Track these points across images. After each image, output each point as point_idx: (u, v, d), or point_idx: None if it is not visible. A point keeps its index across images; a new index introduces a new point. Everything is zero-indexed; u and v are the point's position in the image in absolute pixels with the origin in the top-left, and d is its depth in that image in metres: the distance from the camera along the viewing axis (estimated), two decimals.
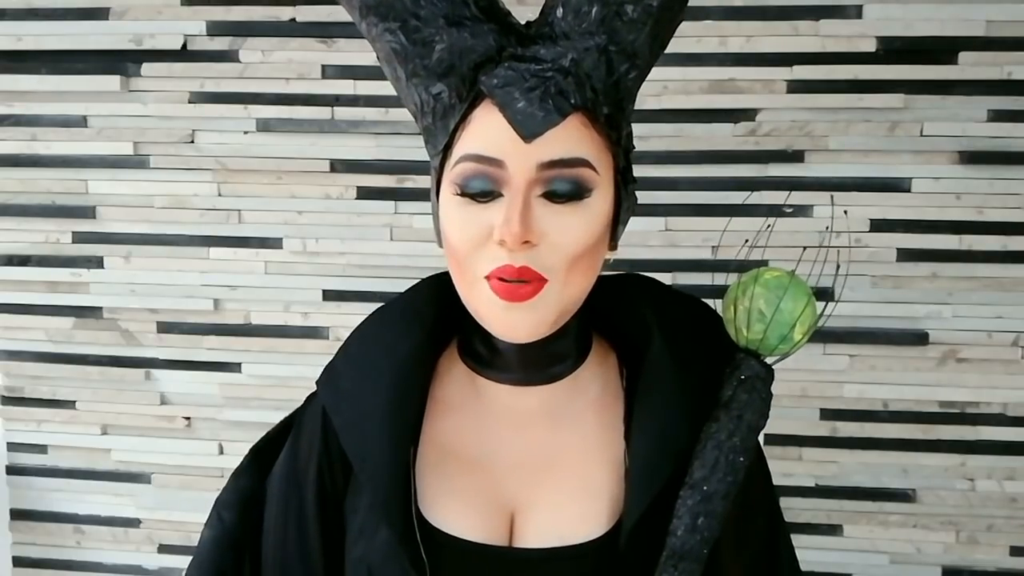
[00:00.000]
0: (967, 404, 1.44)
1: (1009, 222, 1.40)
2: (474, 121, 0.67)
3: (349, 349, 0.80)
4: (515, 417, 0.76)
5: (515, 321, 0.67)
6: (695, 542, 0.69)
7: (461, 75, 0.66)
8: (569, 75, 0.65)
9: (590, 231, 0.67)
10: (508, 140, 0.64)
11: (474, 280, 0.67)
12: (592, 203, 0.67)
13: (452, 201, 0.68)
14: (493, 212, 0.65)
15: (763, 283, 0.72)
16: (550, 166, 0.64)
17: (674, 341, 0.75)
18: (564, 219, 0.66)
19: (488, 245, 0.66)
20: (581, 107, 0.65)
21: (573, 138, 0.65)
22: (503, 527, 0.74)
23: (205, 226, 1.51)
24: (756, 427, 0.72)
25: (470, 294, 0.69)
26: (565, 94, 0.64)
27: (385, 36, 0.68)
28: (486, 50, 0.66)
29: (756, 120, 1.41)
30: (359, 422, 0.74)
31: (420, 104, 0.69)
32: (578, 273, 0.68)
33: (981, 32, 1.36)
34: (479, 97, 0.66)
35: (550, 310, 0.67)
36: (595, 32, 0.66)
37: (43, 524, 1.62)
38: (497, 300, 0.66)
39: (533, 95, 0.64)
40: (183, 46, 1.47)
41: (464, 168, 0.66)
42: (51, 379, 1.58)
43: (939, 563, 1.48)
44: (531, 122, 0.64)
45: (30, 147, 1.52)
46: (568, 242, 0.66)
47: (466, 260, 0.67)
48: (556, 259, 0.66)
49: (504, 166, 0.65)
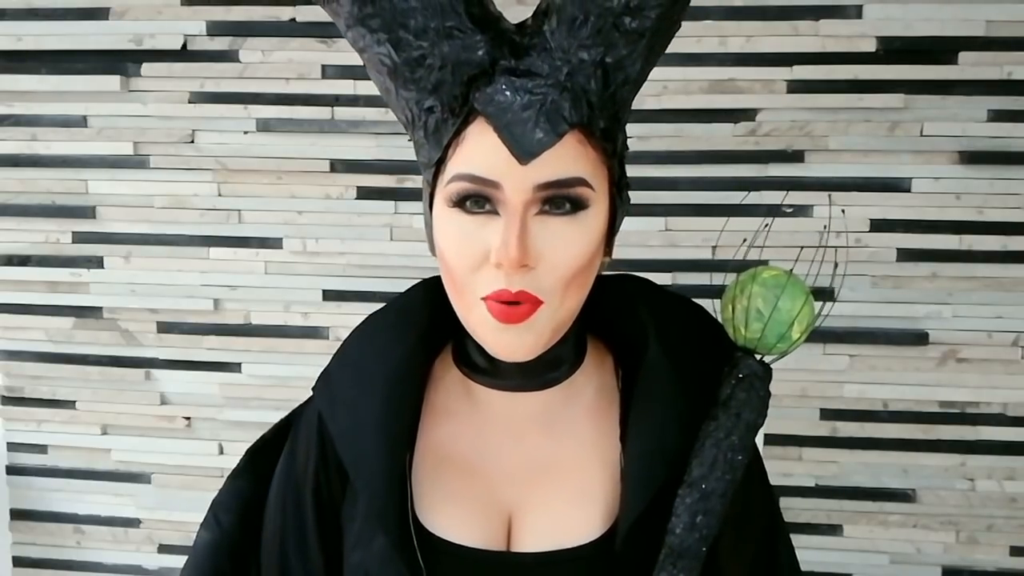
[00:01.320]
0: (967, 404, 1.44)
1: (1009, 222, 1.40)
2: (468, 139, 0.65)
3: (343, 356, 0.80)
4: (511, 423, 0.76)
5: (510, 342, 0.66)
6: (694, 540, 0.69)
7: (453, 90, 0.65)
8: (565, 90, 0.63)
9: (586, 248, 0.66)
10: (504, 161, 0.63)
11: (472, 303, 0.66)
12: (587, 218, 0.66)
13: (447, 216, 0.66)
14: (490, 231, 0.64)
15: (761, 282, 0.72)
16: (546, 187, 0.63)
17: (670, 344, 0.74)
18: (560, 236, 0.65)
19: (485, 266, 0.65)
20: (577, 124, 0.64)
21: (570, 156, 0.64)
22: (500, 532, 0.74)
23: (205, 226, 1.51)
24: (754, 425, 0.72)
25: (468, 315, 0.68)
26: (561, 112, 0.63)
27: (373, 48, 0.66)
28: (479, 64, 0.64)
29: (756, 120, 1.41)
30: (354, 430, 0.74)
31: (411, 118, 0.68)
32: (573, 291, 0.67)
33: (981, 32, 1.36)
34: (472, 113, 0.65)
35: (545, 330, 0.67)
36: (591, 45, 0.64)
37: (43, 524, 1.62)
38: (493, 322, 0.65)
39: (528, 114, 0.62)
40: (183, 46, 1.47)
41: (459, 187, 0.65)
42: (51, 379, 1.58)
43: (939, 563, 1.48)
44: (527, 143, 0.62)
45: (30, 147, 1.52)
46: (564, 260, 0.65)
47: (463, 281, 0.66)
48: (552, 280, 0.65)
49: (500, 187, 0.63)
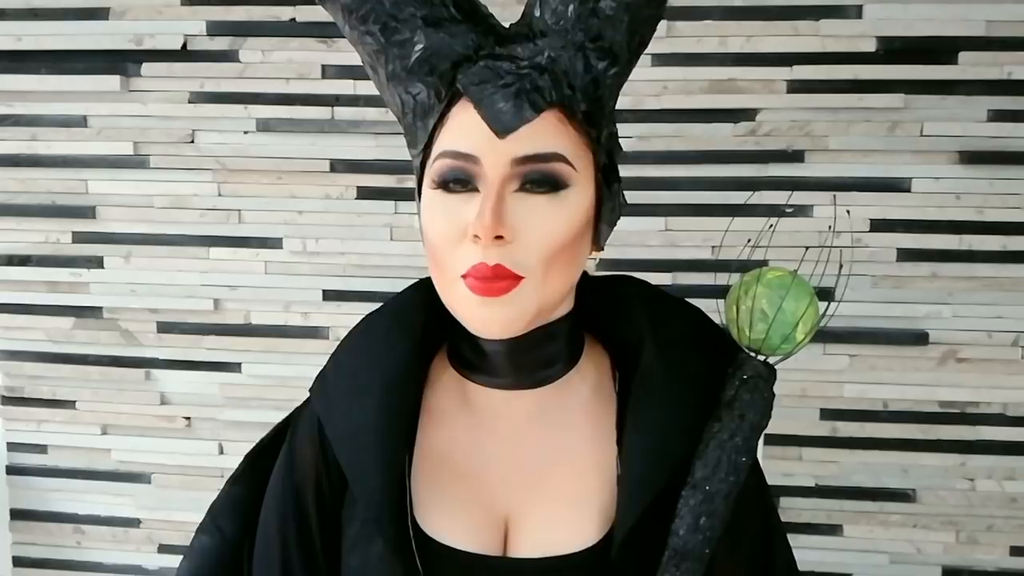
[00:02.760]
0: (967, 404, 1.44)
1: (1009, 222, 1.40)
2: (451, 119, 0.67)
3: (339, 359, 0.80)
4: (506, 423, 0.75)
5: (488, 317, 0.66)
6: (697, 542, 0.69)
7: (439, 74, 0.67)
8: (545, 72, 0.65)
9: (566, 226, 0.67)
10: (483, 136, 0.64)
11: (453, 279, 0.67)
12: (569, 198, 0.67)
13: (431, 196, 0.68)
14: (470, 208, 0.65)
15: (765, 283, 0.72)
16: (524, 161, 0.65)
17: (668, 347, 0.74)
18: (539, 213, 0.65)
19: (464, 243, 0.66)
20: (557, 103, 0.65)
21: (548, 133, 0.65)
22: (497, 536, 0.74)
23: (205, 226, 1.51)
24: (758, 427, 0.72)
25: (448, 293, 0.69)
26: (540, 90, 0.65)
27: (366, 39, 0.69)
28: (464, 49, 0.67)
29: (756, 120, 1.41)
30: (352, 434, 0.74)
31: (401, 105, 0.70)
32: (556, 270, 0.68)
33: (981, 32, 1.36)
34: (456, 96, 0.67)
35: (526, 307, 0.67)
36: (571, 30, 0.66)
37: (43, 524, 1.62)
38: (472, 296, 0.66)
39: (508, 91, 0.64)
40: (183, 46, 1.47)
41: (442, 164, 0.66)
42: (51, 379, 1.58)
43: (939, 563, 1.48)
44: (504, 118, 0.64)
45: (30, 147, 1.52)
46: (542, 237, 0.66)
47: (444, 258, 0.67)
48: (531, 256, 0.65)
49: (479, 162, 0.65)
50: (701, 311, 0.79)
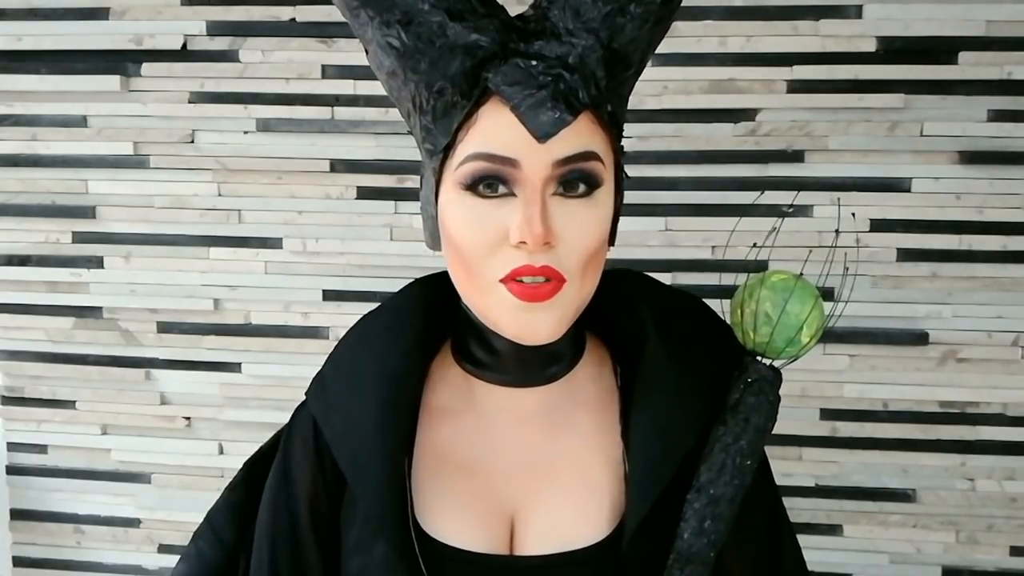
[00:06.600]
0: (967, 404, 1.44)
1: (1009, 222, 1.40)
2: (481, 119, 0.65)
3: (337, 359, 0.79)
4: (512, 420, 0.75)
5: (533, 322, 0.65)
6: (702, 545, 0.69)
7: (464, 71, 0.64)
8: (576, 72, 0.64)
9: (601, 227, 0.67)
10: (521, 139, 0.63)
11: (489, 285, 0.65)
12: (601, 198, 0.67)
13: (456, 199, 0.66)
14: (505, 212, 0.64)
15: (769, 286, 0.72)
16: (564, 163, 0.64)
17: (670, 338, 0.74)
18: (577, 216, 0.65)
19: (503, 248, 0.64)
20: (589, 105, 0.65)
21: (583, 132, 0.65)
22: (503, 535, 0.73)
23: (205, 226, 1.51)
24: (764, 430, 0.72)
25: (483, 300, 0.67)
26: (575, 92, 0.63)
27: (382, 31, 0.66)
28: (490, 45, 0.65)
29: (756, 120, 1.41)
30: (351, 435, 0.73)
31: (419, 103, 0.67)
32: (591, 271, 0.68)
33: (981, 32, 1.36)
34: (484, 94, 0.65)
35: (568, 310, 0.66)
36: (598, 29, 0.65)
37: (43, 524, 1.61)
38: (515, 301, 0.64)
39: (544, 94, 0.63)
40: (183, 46, 1.46)
41: (474, 167, 0.64)
42: (51, 379, 1.58)
43: (939, 563, 1.48)
44: (545, 122, 0.62)
45: (30, 147, 1.52)
46: (583, 239, 0.65)
47: (477, 264, 0.65)
48: (572, 259, 0.65)
49: (519, 165, 0.63)
50: (703, 302, 0.79)
